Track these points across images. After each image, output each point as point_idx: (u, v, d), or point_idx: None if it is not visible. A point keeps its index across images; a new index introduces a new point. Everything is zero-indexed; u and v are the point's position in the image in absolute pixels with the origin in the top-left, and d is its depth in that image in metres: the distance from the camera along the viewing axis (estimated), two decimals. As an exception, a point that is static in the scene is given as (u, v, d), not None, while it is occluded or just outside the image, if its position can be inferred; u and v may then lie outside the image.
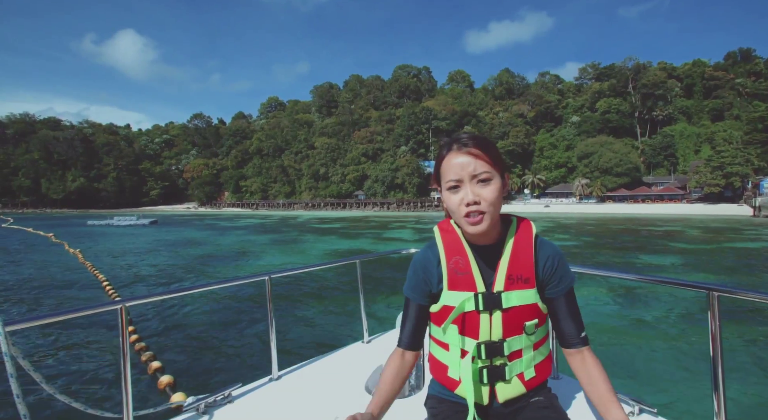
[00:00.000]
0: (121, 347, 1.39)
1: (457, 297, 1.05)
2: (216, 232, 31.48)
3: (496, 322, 1.04)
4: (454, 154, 1.02)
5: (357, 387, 1.80)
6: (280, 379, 1.92)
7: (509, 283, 1.04)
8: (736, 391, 4.75)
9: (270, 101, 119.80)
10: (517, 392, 1.08)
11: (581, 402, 1.57)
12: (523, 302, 1.05)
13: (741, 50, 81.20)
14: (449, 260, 1.08)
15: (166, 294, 1.73)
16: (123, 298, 1.47)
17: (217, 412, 1.60)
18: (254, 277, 1.97)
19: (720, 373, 1.27)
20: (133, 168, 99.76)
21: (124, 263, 15.53)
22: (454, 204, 1.02)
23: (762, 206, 42.80)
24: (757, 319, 8.12)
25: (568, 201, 64.73)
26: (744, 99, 70.01)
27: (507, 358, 1.06)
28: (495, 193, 1.00)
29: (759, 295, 1.23)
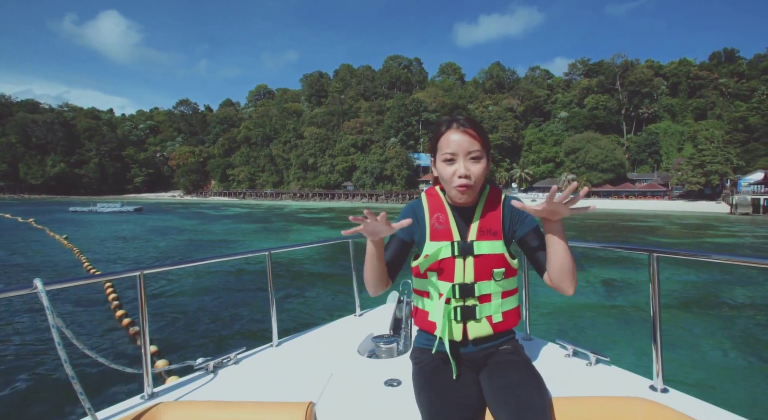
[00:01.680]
0: (140, 310, 1.55)
1: (437, 246, 1.25)
2: (203, 220, 31.14)
3: (468, 267, 1.24)
4: (453, 131, 1.21)
5: (350, 351, 1.95)
6: (280, 345, 2.08)
7: (480, 234, 1.25)
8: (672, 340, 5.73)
9: (259, 89, 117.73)
10: (486, 332, 1.25)
11: (550, 361, 1.71)
12: (491, 251, 1.24)
13: (725, 50, 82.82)
14: (432, 216, 1.29)
15: (181, 263, 1.91)
16: (142, 266, 1.62)
17: (223, 371, 1.77)
18: (256, 251, 2.12)
19: (658, 326, 1.43)
20: (116, 154, 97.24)
21: (113, 250, 15.31)
22: (448, 174, 1.21)
23: (738, 204, 44.21)
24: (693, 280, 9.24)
25: (554, 195, 65.56)
26: (726, 99, 71.66)
27: (477, 300, 1.25)
28: (482, 170, 1.21)
29: (691, 253, 1.40)
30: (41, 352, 5.28)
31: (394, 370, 1.69)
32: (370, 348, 1.97)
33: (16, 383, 4.46)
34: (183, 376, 1.69)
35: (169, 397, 1.50)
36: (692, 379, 4.61)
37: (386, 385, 1.55)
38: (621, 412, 1.10)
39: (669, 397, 1.38)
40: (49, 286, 1.26)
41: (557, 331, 6.21)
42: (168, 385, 1.63)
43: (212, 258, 2.00)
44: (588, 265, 11.43)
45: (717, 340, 5.91)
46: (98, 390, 4.12)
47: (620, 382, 1.51)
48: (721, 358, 5.31)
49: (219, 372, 1.74)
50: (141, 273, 1.56)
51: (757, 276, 9.66)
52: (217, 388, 1.61)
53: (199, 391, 1.58)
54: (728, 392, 4.33)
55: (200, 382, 1.65)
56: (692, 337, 6.02)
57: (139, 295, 1.56)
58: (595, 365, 1.64)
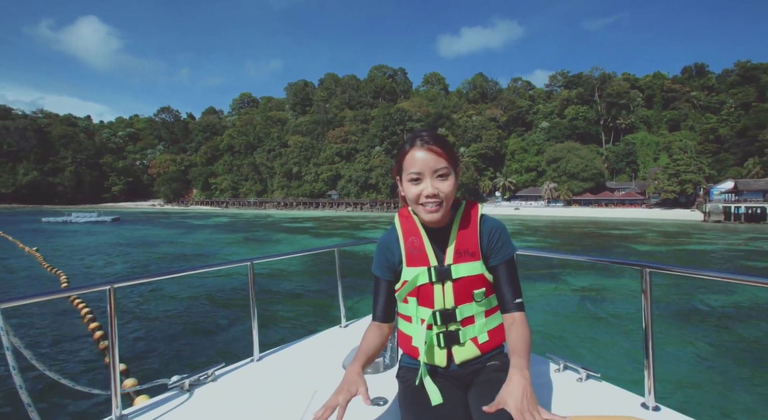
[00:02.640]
0: (109, 326, 1.45)
1: (413, 272, 1.21)
2: (184, 230, 30.36)
3: (448, 292, 1.20)
4: (417, 150, 1.14)
5: (335, 366, 1.87)
6: (261, 359, 1.98)
7: (457, 256, 1.20)
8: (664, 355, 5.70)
9: (242, 97, 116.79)
10: (472, 355, 1.22)
11: (540, 376, 1.66)
12: (470, 273, 1.20)
13: (696, 65, 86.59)
14: (406, 241, 1.25)
15: (154, 276, 1.75)
16: (112, 279, 1.50)
17: (200, 389, 1.67)
18: (238, 262, 2.02)
19: (650, 342, 1.42)
20: (94, 162, 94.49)
21: (86, 262, 14.68)
22: (414, 194, 1.16)
23: (711, 212, 45.84)
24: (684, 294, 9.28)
25: (537, 204, 66.81)
26: (698, 111, 74.77)
27: (460, 324, 1.21)
28: (451, 188, 1.16)
29: (684, 270, 1.39)
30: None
31: (380, 387, 1.61)
32: None
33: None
34: (155, 396, 1.59)
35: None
36: (685, 396, 4.56)
37: (372, 405, 1.47)
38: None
39: (661, 416, 1.36)
40: (4, 303, 1.19)
41: (546, 345, 6.13)
42: (139, 406, 1.52)
43: (190, 269, 1.88)
44: (578, 277, 11.37)
45: (709, 356, 5.88)
46: (62, 415, 3.86)
47: (611, 398, 1.47)
48: (713, 374, 5.27)
49: (195, 391, 1.65)
50: (111, 286, 1.45)
51: (750, 292, 9.70)
52: (193, 408, 1.51)
53: (173, 412, 1.47)
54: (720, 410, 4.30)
55: (174, 403, 1.55)
56: (685, 352, 5.98)
57: (109, 311, 1.45)
58: (586, 381, 1.60)
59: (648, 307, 1.42)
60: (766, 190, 47.21)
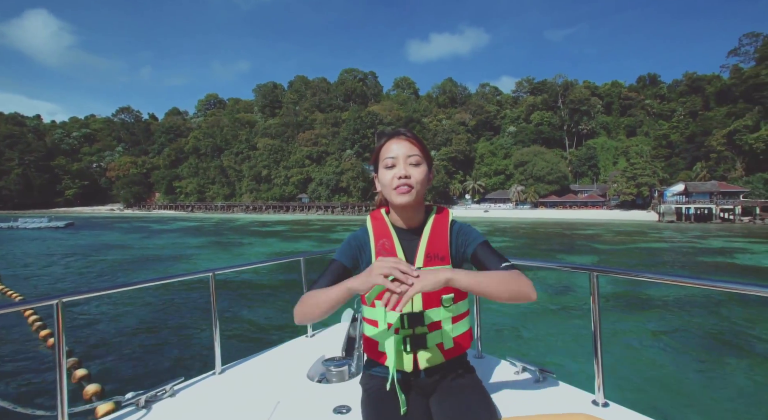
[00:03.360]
0: (56, 346, 1.38)
1: None
2: (144, 234, 28.90)
3: (416, 295, 1.19)
4: (394, 140, 1.21)
5: (299, 376, 1.84)
6: (223, 372, 1.92)
7: (427, 260, 1.20)
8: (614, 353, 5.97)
9: (208, 98, 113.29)
10: (437, 361, 1.22)
11: (501, 379, 1.73)
12: None
13: (649, 75, 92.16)
14: (377, 242, 1.25)
15: (106, 289, 1.66)
16: (59, 294, 1.43)
17: (158, 405, 1.60)
18: (198, 273, 1.94)
19: (598, 341, 1.48)
20: (44, 164, 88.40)
21: (32, 271, 13.57)
22: (388, 178, 1.19)
23: (665, 213, 48.78)
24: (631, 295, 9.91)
25: (505, 206, 68.61)
26: (652, 118, 79.52)
27: (427, 328, 1.21)
28: (423, 175, 1.19)
29: (627, 272, 1.47)
30: None
31: (345, 396, 1.59)
32: (320, 372, 1.85)
33: None
34: (108, 416, 1.51)
35: None
36: (632, 391, 4.76)
37: (335, 413, 1.47)
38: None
39: (610, 412, 1.42)
40: None
41: (508, 347, 6.25)
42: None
43: (147, 282, 1.78)
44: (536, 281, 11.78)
45: (654, 350, 6.22)
46: None
47: (565, 397, 1.53)
48: (658, 368, 5.56)
49: (152, 407, 1.57)
50: (59, 301, 1.39)
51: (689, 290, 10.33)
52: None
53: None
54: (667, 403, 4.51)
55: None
56: (633, 350, 6.28)
57: (57, 326, 1.39)
58: (542, 381, 1.67)
59: (596, 309, 1.49)
60: (712, 192, 50.75)
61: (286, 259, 2.47)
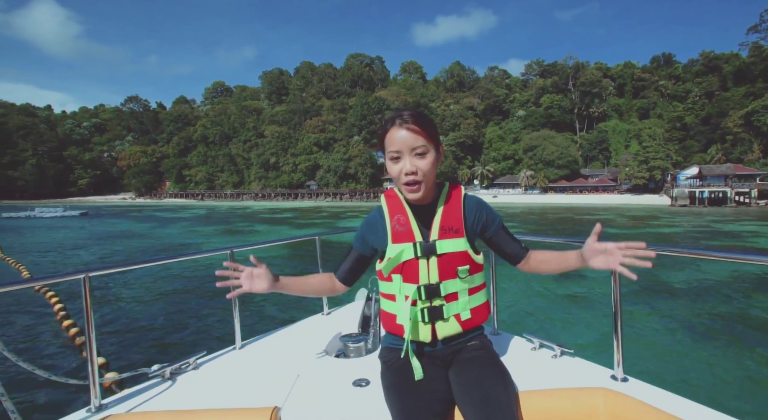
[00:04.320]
0: (85, 316, 1.44)
1: (399, 248, 1.24)
2: (158, 223, 29.42)
3: (432, 267, 1.22)
4: (396, 129, 1.18)
5: (317, 352, 1.88)
6: (243, 348, 1.98)
7: (442, 233, 1.24)
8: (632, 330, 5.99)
9: (215, 86, 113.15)
10: (454, 331, 1.25)
11: (517, 355, 1.73)
12: (454, 249, 1.23)
13: (664, 55, 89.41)
14: (392, 218, 1.28)
15: (131, 265, 1.74)
16: (86, 268, 1.48)
17: (182, 377, 1.66)
18: (218, 250, 2.01)
19: (619, 317, 1.49)
20: (57, 154, 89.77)
21: (54, 259, 14.00)
22: (395, 172, 1.21)
23: (678, 197, 48.00)
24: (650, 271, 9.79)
25: (514, 191, 68.14)
26: (665, 100, 77.47)
27: (444, 299, 1.24)
28: (430, 165, 1.19)
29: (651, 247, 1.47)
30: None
31: (363, 370, 1.64)
32: (338, 347, 1.92)
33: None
34: (136, 385, 1.55)
35: (120, 409, 1.40)
36: (651, 367, 4.80)
37: (355, 386, 1.50)
38: (584, 403, 1.13)
39: (629, 386, 1.41)
40: None
41: (524, 325, 6.31)
42: (119, 395, 1.50)
43: (168, 258, 1.86)
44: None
45: (673, 329, 6.21)
46: (38, 406, 3.74)
47: (583, 373, 1.54)
48: (677, 346, 5.58)
49: (177, 379, 1.64)
50: (86, 275, 1.43)
51: (710, 267, 10.20)
52: (175, 396, 1.50)
53: (154, 400, 1.47)
54: (685, 379, 4.53)
55: (155, 391, 1.53)
56: (650, 326, 6.29)
57: (84, 300, 1.43)
58: (560, 358, 1.68)
59: (617, 284, 1.48)
60: (727, 175, 49.70)
61: (302, 239, 2.56)
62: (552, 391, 1.21)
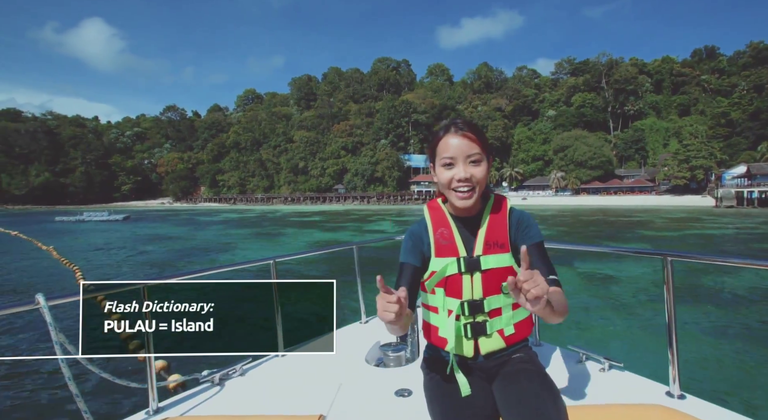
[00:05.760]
0: (144, 324, 1.54)
1: (442, 262, 1.21)
2: (194, 227, 30.80)
3: (476, 283, 1.20)
4: (452, 136, 1.17)
5: (358, 360, 1.94)
6: (285, 356, 2.05)
7: (487, 248, 1.21)
8: (686, 345, 5.54)
9: (247, 93, 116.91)
10: (498, 346, 1.22)
11: (562, 367, 1.69)
12: (499, 265, 1.20)
13: (706, 48, 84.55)
14: (436, 231, 1.25)
15: (184, 276, 1.83)
16: (145, 278, 1.58)
17: (230, 382, 1.75)
18: (260, 260, 2.10)
19: (674, 331, 1.42)
20: (103, 162, 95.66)
21: (104, 260, 15.05)
22: (447, 179, 1.18)
23: (723, 197, 45.16)
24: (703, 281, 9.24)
25: (544, 193, 66.35)
26: (708, 95, 73.17)
27: (488, 315, 1.21)
28: (483, 173, 1.18)
29: (707, 257, 1.39)
30: (44, 370, 5.15)
31: (404, 380, 1.67)
32: (378, 356, 1.95)
33: (19, 401, 4.36)
34: (188, 390, 1.68)
35: (175, 412, 1.47)
36: (710, 384, 4.51)
37: (397, 396, 1.53)
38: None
39: (687, 404, 1.34)
40: (51, 300, 1.26)
41: (567, 335, 6.11)
42: (174, 399, 1.60)
43: (217, 268, 1.99)
44: (597, 267, 11.25)
45: (733, 344, 5.81)
46: (103, 407, 4.05)
47: (635, 388, 1.48)
48: (737, 362, 5.22)
49: (225, 384, 1.73)
50: (144, 285, 1.56)
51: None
52: (224, 401, 1.60)
53: (205, 404, 1.56)
54: (746, 398, 4.25)
55: (206, 395, 1.64)
56: (707, 341, 5.92)
57: (144, 308, 1.57)
58: (609, 371, 1.61)
59: (671, 296, 1.43)
60: (780, 174, 46.31)
61: (340, 247, 2.63)
62: (603, 408, 1.14)
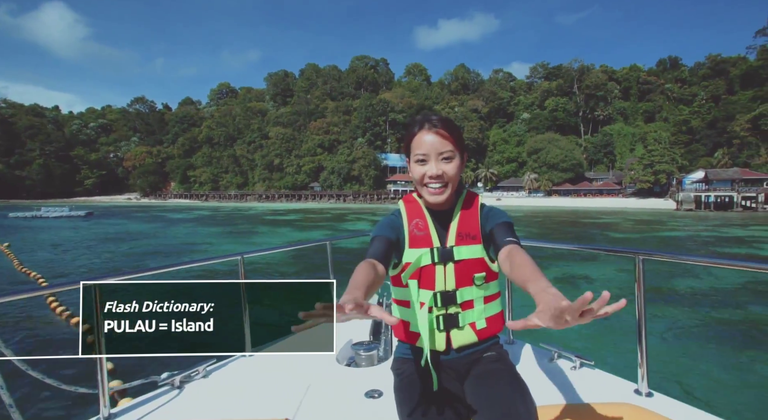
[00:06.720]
0: (95, 324, 1.34)
1: (416, 253, 1.22)
2: (163, 224, 29.59)
3: (449, 273, 1.21)
4: (425, 132, 1.18)
5: (328, 359, 1.85)
6: (253, 355, 1.95)
7: (459, 239, 1.22)
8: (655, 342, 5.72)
9: (221, 87, 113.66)
10: (470, 340, 1.22)
11: (534, 365, 1.68)
12: (471, 256, 1.22)
13: (670, 58, 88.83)
14: (410, 223, 1.26)
15: (141, 272, 1.63)
16: (97, 276, 1.45)
17: (191, 385, 1.63)
18: (227, 256, 1.98)
19: (643, 329, 1.43)
20: (64, 154, 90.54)
21: (59, 258, 14.12)
22: (419, 175, 1.20)
23: (683, 201, 47.63)
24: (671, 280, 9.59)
25: (518, 194, 67.91)
26: (671, 103, 76.96)
27: (460, 307, 1.21)
28: (455, 170, 1.20)
29: (677, 257, 1.40)
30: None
31: (375, 380, 1.61)
32: (349, 355, 1.89)
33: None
34: (145, 394, 1.55)
35: (129, 418, 1.39)
36: (678, 382, 4.60)
37: (367, 397, 1.47)
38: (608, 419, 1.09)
39: (655, 402, 1.37)
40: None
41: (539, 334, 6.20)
42: (128, 404, 1.48)
43: (179, 264, 1.82)
44: (570, 265, 11.49)
45: (700, 342, 5.97)
46: (46, 416, 3.74)
47: (605, 386, 1.49)
48: (704, 360, 5.35)
49: (185, 387, 1.63)
50: (95, 283, 1.37)
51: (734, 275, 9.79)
52: (183, 406, 1.48)
53: (162, 409, 1.45)
54: (713, 395, 4.34)
55: (164, 399, 1.52)
56: (675, 338, 6.06)
57: (95, 307, 1.35)
58: (580, 369, 1.62)
59: (641, 295, 1.43)
60: (734, 180, 49.25)
61: (312, 244, 2.51)
62: (573, 407, 1.15)
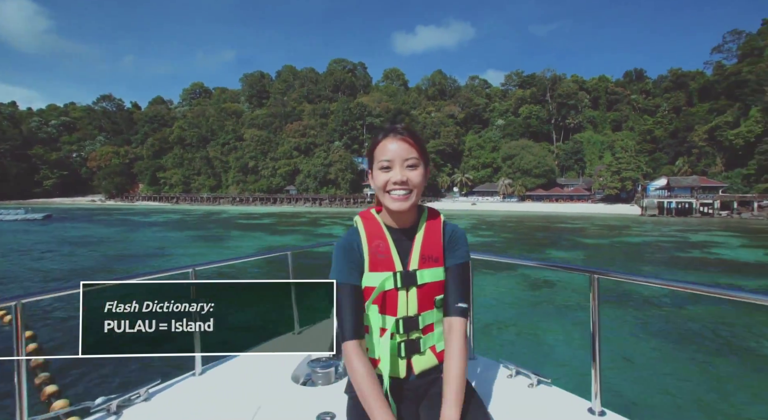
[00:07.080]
0: (15, 350, 1.28)
1: (378, 277, 1.16)
2: (127, 228, 28.26)
3: (412, 298, 1.17)
4: (390, 140, 1.16)
5: (284, 378, 1.76)
6: (203, 373, 1.83)
7: (422, 262, 1.18)
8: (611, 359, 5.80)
9: (194, 87, 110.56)
10: (430, 364, 1.20)
11: (493, 382, 1.68)
12: (434, 279, 1.18)
13: (636, 70, 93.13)
14: (371, 244, 1.19)
15: (69, 289, 1.43)
16: (18, 295, 1.31)
17: (129, 410, 1.52)
18: (177, 269, 1.81)
19: (597, 347, 1.46)
20: (21, 153, 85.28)
21: (8, 265, 13.11)
22: (383, 181, 1.15)
23: (647, 207, 49.81)
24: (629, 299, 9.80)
25: (493, 199, 69.10)
26: (637, 113, 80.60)
27: (422, 332, 1.18)
28: (420, 178, 1.15)
29: (631, 277, 1.44)
30: None
31: (330, 401, 1.53)
32: (305, 373, 1.77)
33: None
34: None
35: None
36: (630, 399, 4.67)
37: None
38: None
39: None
40: None
41: (502, 349, 6.14)
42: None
43: (121, 279, 1.63)
44: (532, 283, 11.43)
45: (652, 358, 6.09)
46: None
47: (560, 404, 1.51)
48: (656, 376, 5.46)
49: (123, 412, 1.50)
50: (18, 303, 1.30)
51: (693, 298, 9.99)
52: None
53: None
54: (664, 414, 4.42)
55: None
56: (628, 355, 6.17)
57: (15, 333, 1.29)
58: (537, 387, 1.63)
59: (596, 313, 1.46)
60: (693, 187, 51.94)
61: (272, 254, 2.35)
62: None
